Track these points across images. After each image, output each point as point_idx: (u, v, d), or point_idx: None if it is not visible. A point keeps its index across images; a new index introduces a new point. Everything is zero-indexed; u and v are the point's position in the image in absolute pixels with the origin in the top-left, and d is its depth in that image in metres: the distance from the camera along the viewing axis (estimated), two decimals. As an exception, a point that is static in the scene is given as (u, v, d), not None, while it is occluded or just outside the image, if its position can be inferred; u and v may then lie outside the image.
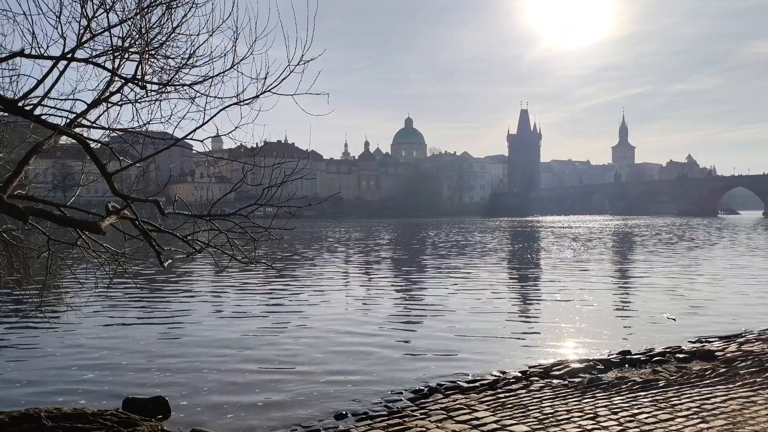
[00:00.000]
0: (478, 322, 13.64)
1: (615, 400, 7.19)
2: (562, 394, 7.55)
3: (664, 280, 21.55)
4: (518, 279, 23.58)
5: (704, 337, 11.49)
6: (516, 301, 17.17)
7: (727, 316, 13.99)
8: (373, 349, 11.01)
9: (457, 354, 10.58)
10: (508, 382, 8.33)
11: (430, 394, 7.99)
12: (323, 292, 18.98)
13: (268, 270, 17.92)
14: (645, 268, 26.51)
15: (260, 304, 16.34)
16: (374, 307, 15.91)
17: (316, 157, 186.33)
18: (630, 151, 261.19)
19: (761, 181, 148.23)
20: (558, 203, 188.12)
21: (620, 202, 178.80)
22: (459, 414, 6.82)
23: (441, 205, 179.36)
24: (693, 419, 6.36)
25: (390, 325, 13.31)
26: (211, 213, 6.70)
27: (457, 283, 21.19)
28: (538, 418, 6.55)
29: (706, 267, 26.18)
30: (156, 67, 6.45)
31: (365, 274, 25.28)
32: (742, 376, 8.25)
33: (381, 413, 7.30)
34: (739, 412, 6.56)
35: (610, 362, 9.46)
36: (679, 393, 7.42)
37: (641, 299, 17.18)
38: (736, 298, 16.93)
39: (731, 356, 9.58)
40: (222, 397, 8.14)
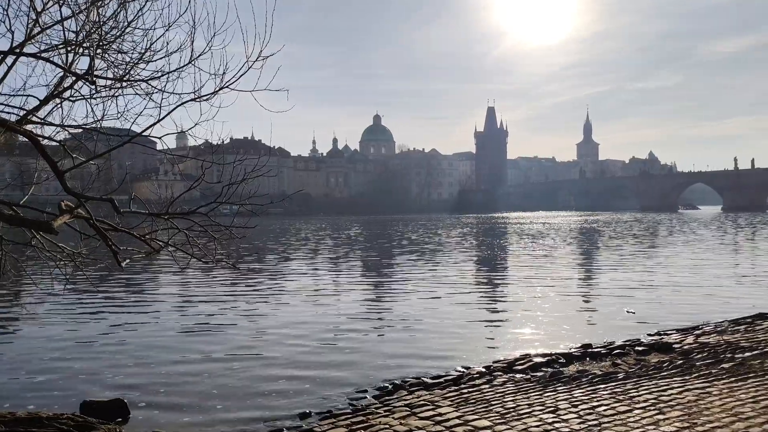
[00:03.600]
0: (444, 318, 13.70)
1: (575, 393, 7.29)
2: (524, 388, 7.63)
3: (625, 274, 21.98)
4: (483, 275, 23.79)
5: (662, 330, 11.74)
6: (481, 297, 17.30)
7: (685, 309, 14.33)
8: (338, 347, 10.98)
9: (422, 351, 10.60)
10: (472, 378, 8.38)
11: (395, 391, 7.99)
12: (287, 290, 18.84)
13: (230, 269, 17.78)
14: (607, 262, 27.01)
15: (222, 303, 16.12)
16: (339, 305, 15.86)
17: (283, 154, 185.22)
18: (594, 148, 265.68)
19: (720, 177, 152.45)
20: (524, 199, 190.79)
21: (585, 198, 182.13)
22: (422, 410, 6.84)
23: (410, 202, 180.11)
24: (650, 410, 6.49)
25: (355, 323, 13.28)
26: (170, 211, 6.58)
27: (424, 279, 21.27)
28: (500, 413, 6.61)
29: (665, 261, 26.79)
30: (111, 62, 6.31)
31: (330, 272, 25.20)
32: (698, 367, 8.45)
33: (345, 411, 7.28)
34: (695, 403, 6.71)
35: (572, 356, 9.60)
36: (637, 385, 7.56)
37: (603, 293, 17.49)
38: (693, 291, 17.36)
39: (688, 348, 9.81)
40: (182, 399, 8.01)
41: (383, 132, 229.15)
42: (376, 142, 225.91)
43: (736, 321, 12.31)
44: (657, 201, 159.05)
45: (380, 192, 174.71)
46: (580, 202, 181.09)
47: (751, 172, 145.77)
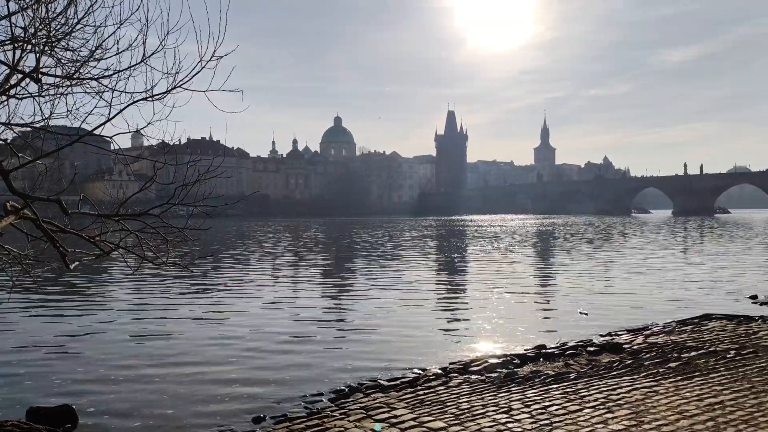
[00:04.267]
0: (402, 320, 13.76)
1: (529, 393, 7.42)
2: (479, 389, 7.72)
3: (579, 276, 22.47)
4: (442, 277, 23.98)
5: (614, 331, 12.04)
6: (439, 300, 17.44)
7: (636, 311, 14.73)
8: (294, 351, 10.91)
9: (379, 353, 10.62)
10: (428, 380, 8.44)
11: (351, 394, 7.98)
12: (243, 293, 18.62)
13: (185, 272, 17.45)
14: (561, 264, 27.55)
15: (175, 307, 15.81)
16: (296, 308, 15.75)
17: (242, 155, 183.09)
18: (551, 152, 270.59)
19: (670, 182, 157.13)
20: (484, 202, 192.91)
21: (542, 201, 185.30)
22: (378, 413, 6.85)
23: (370, 205, 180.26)
24: (600, 410, 6.65)
25: (312, 326, 13.21)
26: (120, 212, 6.44)
27: (382, 282, 21.32)
28: (455, 414, 6.67)
29: (618, 263, 27.48)
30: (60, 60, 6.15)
31: (288, 275, 25.03)
32: (646, 367, 8.69)
33: (300, 415, 7.23)
34: (642, 402, 6.90)
35: (526, 357, 9.75)
36: (588, 385, 7.73)
37: (557, 295, 17.86)
38: (644, 292, 17.85)
39: (637, 348, 10.08)
40: (133, 404, 7.83)
41: (344, 134, 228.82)
42: (337, 143, 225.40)
43: (683, 321, 12.71)
44: (611, 205, 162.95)
45: (341, 194, 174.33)
46: (537, 206, 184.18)
47: (699, 177, 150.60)
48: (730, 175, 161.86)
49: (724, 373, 8.08)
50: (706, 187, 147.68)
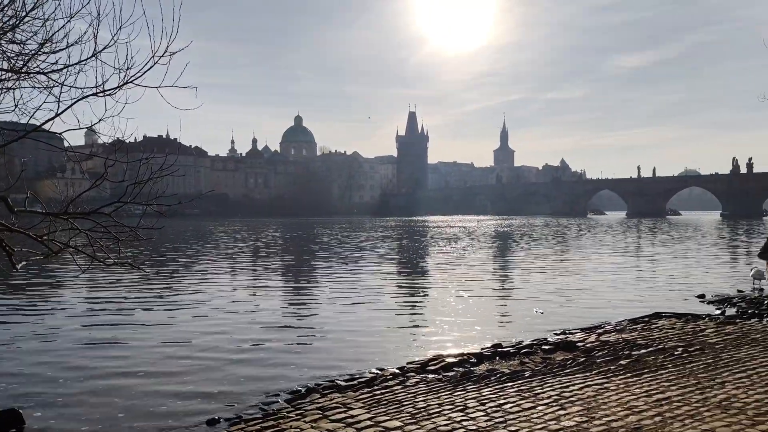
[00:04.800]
0: (360, 321, 13.77)
1: (484, 391, 7.51)
2: (435, 388, 7.77)
3: (536, 275, 22.86)
4: (401, 278, 24.07)
5: (568, 330, 12.28)
6: (398, 300, 17.50)
7: (590, 309, 15.05)
8: (251, 352, 10.80)
9: (337, 354, 10.60)
10: (385, 379, 8.46)
11: (308, 395, 7.94)
12: (198, 293, 18.33)
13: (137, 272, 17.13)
14: (518, 264, 27.99)
15: (127, 308, 15.45)
16: (252, 308, 15.60)
17: (200, 153, 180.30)
18: (510, 154, 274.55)
19: (624, 184, 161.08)
20: (444, 203, 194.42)
21: (501, 202, 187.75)
22: (334, 413, 6.84)
23: (331, 205, 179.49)
24: (552, 407, 6.77)
25: (269, 327, 13.10)
26: (69, 211, 6.26)
27: (341, 282, 21.27)
28: (411, 413, 6.70)
29: (573, 263, 28.06)
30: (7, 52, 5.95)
31: (246, 276, 24.77)
32: (598, 364, 8.89)
33: (255, 416, 7.16)
34: (594, 399, 7.06)
35: (483, 356, 9.86)
36: (542, 382, 7.87)
37: (514, 294, 18.12)
38: (598, 292, 18.27)
39: (590, 346, 10.30)
40: (82, 408, 7.62)
41: (304, 133, 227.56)
42: (297, 143, 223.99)
43: (634, 320, 13.05)
44: (568, 206, 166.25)
45: (301, 194, 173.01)
46: (496, 207, 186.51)
47: (652, 180, 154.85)
48: (680, 178, 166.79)
49: (671, 370, 8.33)
50: (658, 190, 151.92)
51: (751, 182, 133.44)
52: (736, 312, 13.98)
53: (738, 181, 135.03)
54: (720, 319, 12.69)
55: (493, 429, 6.09)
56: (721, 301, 15.81)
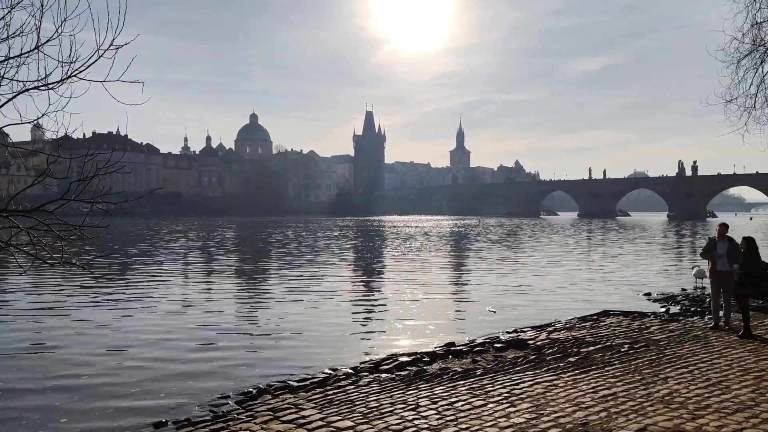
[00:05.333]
0: (314, 321, 13.69)
1: (436, 390, 7.55)
2: (388, 388, 7.78)
3: (489, 275, 23.17)
4: (356, 278, 24.05)
5: (520, 328, 12.48)
6: (351, 300, 17.47)
7: (541, 308, 15.35)
8: (201, 354, 10.60)
9: (291, 354, 10.51)
10: (338, 379, 8.42)
11: (259, 396, 7.84)
12: (147, 294, 17.92)
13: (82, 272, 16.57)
14: (472, 264, 28.33)
15: (71, 308, 15.01)
16: (204, 310, 15.33)
17: (152, 150, 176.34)
18: (466, 155, 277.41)
19: (576, 185, 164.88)
20: (401, 203, 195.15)
21: (457, 202, 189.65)
22: (285, 414, 6.77)
23: (287, 204, 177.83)
24: (503, 404, 6.86)
25: (220, 327, 12.90)
26: (9, 208, 6.01)
27: (296, 282, 21.13)
28: (363, 413, 6.69)
29: (526, 263, 28.55)
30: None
31: (196, 275, 24.35)
32: (548, 362, 9.06)
33: (205, 419, 7.02)
34: (543, 395, 7.18)
35: (436, 354, 9.93)
36: (493, 380, 7.96)
37: (468, 294, 18.33)
38: (550, 291, 18.64)
39: (541, 344, 10.49)
40: (24, 412, 7.34)
41: (260, 131, 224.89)
42: (253, 141, 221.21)
43: (584, 318, 13.36)
44: (522, 207, 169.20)
45: (256, 193, 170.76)
46: (452, 207, 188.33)
47: (602, 181, 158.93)
48: (630, 180, 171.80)
49: (618, 366, 8.55)
50: (609, 192, 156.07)
51: (695, 185, 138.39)
52: (680, 310, 14.47)
53: (683, 183, 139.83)
54: (664, 317, 13.10)
55: (444, 427, 6.13)
56: (666, 300, 16.34)
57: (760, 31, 14.20)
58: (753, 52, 14.39)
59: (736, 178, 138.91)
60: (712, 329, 11.12)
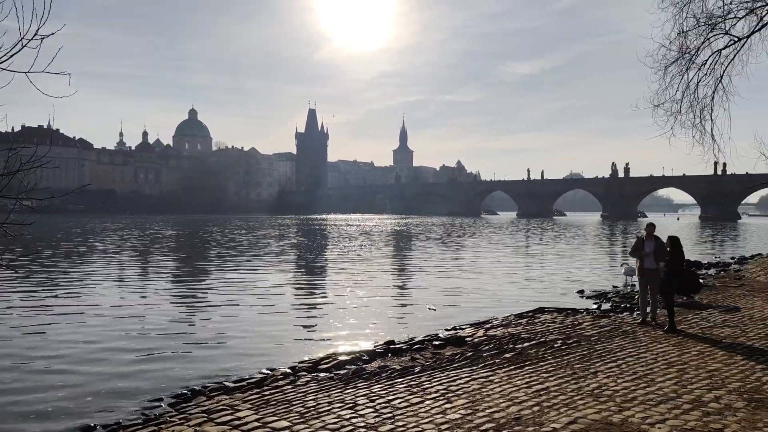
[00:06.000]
0: (251, 321, 13.50)
1: (374, 388, 7.57)
2: (326, 387, 7.74)
3: (429, 273, 23.42)
4: (297, 277, 23.87)
5: (458, 325, 12.66)
6: (291, 299, 17.32)
7: (480, 305, 15.62)
8: (133, 354, 10.28)
9: (228, 355, 10.33)
10: (275, 379, 8.33)
11: (193, 398, 7.66)
12: (76, 294, 17.30)
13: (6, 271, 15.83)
14: (413, 262, 28.58)
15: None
16: (138, 309, 14.89)
17: (85, 145, 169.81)
18: (409, 154, 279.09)
19: (515, 186, 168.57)
20: (343, 202, 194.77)
21: (400, 202, 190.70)
22: (220, 415, 6.64)
23: (227, 202, 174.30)
24: (440, 400, 6.94)
25: (155, 328, 12.54)
26: None
27: (235, 282, 20.79)
28: (300, 412, 6.63)
29: (466, 261, 29.01)
30: None
31: (130, 275, 23.61)
32: (485, 358, 9.22)
33: (136, 422, 6.81)
34: (479, 391, 7.31)
35: (375, 353, 9.96)
36: (431, 377, 8.05)
37: (408, 292, 18.48)
38: (488, 288, 18.99)
39: (478, 341, 10.67)
40: (-63, 421, 6.94)
41: (199, 127, 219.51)
42: (192, 137, 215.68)
43: (520, 315, 13.67)
44: (463, 206, 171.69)
45: (195, 190, 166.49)
46: (395, 206, 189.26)
47: (540, 182, 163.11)
48: (566, 181, 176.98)
49: (551, 361, 8.79)
50: (546, 192, 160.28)
51: (627, 186, 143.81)
52: (611, 306, 15.00)
53: (616, 184, 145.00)
54: (596, 313, 13.55)
55: (381, 425, 6.15)
56: (598, 297, 16.93)
57: (686, 39, 14.89)
58: (679, 60, 15.09)
59: (665, 180, 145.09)
60: (640, 325, 11.58)
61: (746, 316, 12.31)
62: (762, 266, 22.85)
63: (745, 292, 15.92)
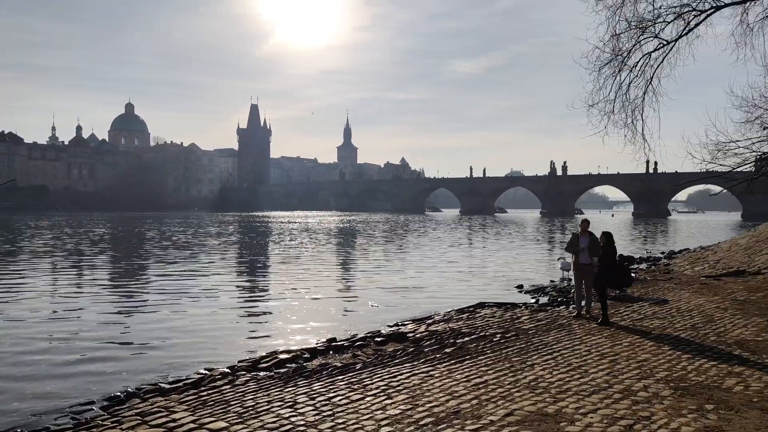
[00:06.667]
0: (190, 320, 13.20)
1: (315, 386, 7.51)
2: (266, 386, 7.63)
3: (372, 270, 23.48)
4: (235, 276, 23.50)
5: (401, 321, 12.74)
6: (231, 298, 17.02)
7: (422, 301, 15.77)
8: (64, 355, 9.89)
9: (165, 356, 10.06)
10: (213, 380, 8.15)
11: (127, 400, 7.41)
12: (5, 295, 16.48)
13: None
14: (356, 259, 28.60)
15: None
16: (71, 310, 14.33)
17: (15, 140, 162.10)
18: (353, 151, 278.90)
19: (458, 183, 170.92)
20: (287, 199, 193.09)
21: (344, 199, 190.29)
22: (155, 417, 6.44)
23: (166, 198, 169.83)
24: (380, 396, 6.95)
25: (87, 330, 12.10)
26: None
27: (172, 280, 20.28)
28: (239, 413, 6.52)
29: (409, 258, 29.23)
30: None
31: (61, 275, 22.71)
32: (426, 353, 9.30)
33: (65, 427, 6.54)
34: (419, 386, 7.36)
35: (317, 350, 9.89)
36: (372, 374, 8.05)
37: (351, 289, 18.46)
38: (431, 284, 19.20)
39: (419, 336, 10.76)
40: None
41: (136, 122, 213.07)
42: (129, 132, 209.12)
43: (461, 310, 13.86)
44: (407, 203, 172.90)
45: (132, 186, 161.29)
46: (339, 203, 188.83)
47: (482, 180, 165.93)
48: (507, 179, 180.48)
49: (490, 355, 8.95)
50: (488, 189, 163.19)
51: (565, 184, 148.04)
52: (548, 300, 15.41)
53: (554, 182, 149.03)
54: (534, 307, 13.88)
55: (320, 422, 6.11)
56: (536, 291, 17.36)
57: (618, 41, 15.41)
58: (612, 61, 15.60)
59: (600, 178, 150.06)
60: (575, 318, 11.93)
61: (674, 307, 12.87)
62: (689, 260, 23.96)
63: (674, 285, 16.64)
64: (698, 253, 26.57)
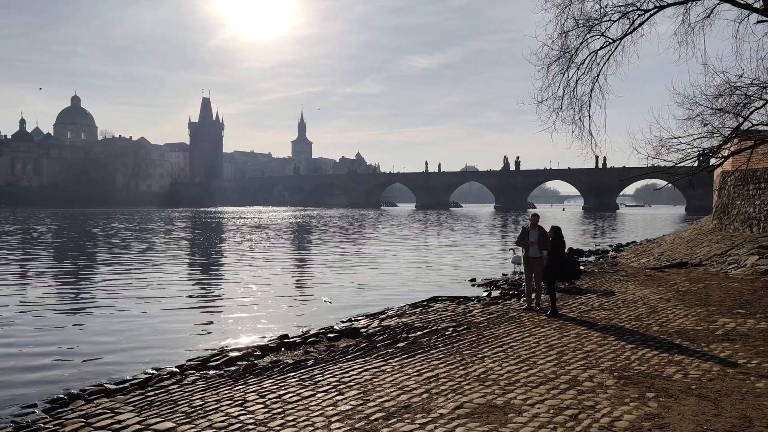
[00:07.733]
0: (137, 319, 12.91)
1: (265, 383, 7.44)
2: (215, 385, 7.52)
3: (325, 266, 23.41)
4: (184, 273, 23.07)
5: (354, 317, 12.73)
6: (181, 296, 16.69)
7: (376, 296, 15.80)
8: (2, 361, 9.51)
9: (110, 356, 9.81)
10: (161, 379, 7.99)
11: (70, 402, 7.19)
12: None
13: None
14: (309, 255, 28.48)
15: None
16: (7, 311, 13.80)
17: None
18: (308, 146, 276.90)
19: (413, 178, 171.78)
20: (240, 194, 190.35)
21: (299, 194, 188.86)
22: (99, 419, 6.27)
23: (115, 194, 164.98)
24: (331, 392, 6.94)
25: (28, 330, 11.70)
26: None
27: (120, 278, 19.78)
28: (186, 412, 6.40)
29: (362, 253, 29.26)
30: None
31: (2, 275, 21.88)
32: (378, 348, 9.32)
33: (5, 430, 6.31)
34: (371, 381, 7.38)
35: (268, 348, 9.80)
36: (323, 370, 8.03)
37: (304, 285, 18.37)
38: (385, 279, 19.25)
39: (372, 332, 10.78)
40: None
41: (83, 115, 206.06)
42: (75, 126, 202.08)
43: (414, 304, 13.95)
44: (363, 198, 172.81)
45: (79, 182, 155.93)
46: (294, 198, 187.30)
47: (437, 174, 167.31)
48: (462, 174, 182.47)
49: (441, 349, 9.03)
50: (443, 184, 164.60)
51: (518, 178, 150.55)
52: (500, 293, 15.64)
53: (508, 177, 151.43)
54: (486, 301, 14.08)
55: (270, 420, 6.05)
56: (489, 285, 17.61)
57: (566, 39, 15.74)
58: (560, 58, 15.92)
59: (552, 172, 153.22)
60: (525, 310, 12.15)
61: (620, 299, 13.25)
62: (635, 253, 24.71)
63: (620, 277, 17.13)
64: (644, 246, 27.47)
